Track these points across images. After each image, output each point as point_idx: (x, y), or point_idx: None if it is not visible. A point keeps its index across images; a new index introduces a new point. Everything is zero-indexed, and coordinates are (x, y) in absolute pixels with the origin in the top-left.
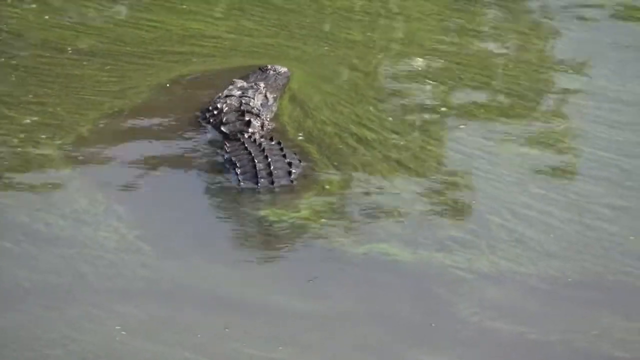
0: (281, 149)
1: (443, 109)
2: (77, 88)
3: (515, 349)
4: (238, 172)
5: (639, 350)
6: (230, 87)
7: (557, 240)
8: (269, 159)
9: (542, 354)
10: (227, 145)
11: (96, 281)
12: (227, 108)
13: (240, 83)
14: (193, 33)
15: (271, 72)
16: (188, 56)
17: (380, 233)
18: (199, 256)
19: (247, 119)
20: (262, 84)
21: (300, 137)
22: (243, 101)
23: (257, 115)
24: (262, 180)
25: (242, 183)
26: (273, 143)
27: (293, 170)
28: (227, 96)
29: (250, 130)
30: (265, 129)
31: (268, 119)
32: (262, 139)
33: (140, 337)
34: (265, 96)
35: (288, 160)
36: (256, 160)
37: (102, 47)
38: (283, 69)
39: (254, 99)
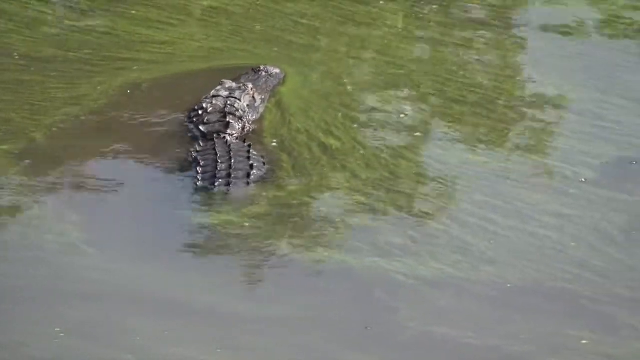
0: (248, 152)
1: (401, 115)
2: (27, 94)
3: (453, 354)
4: (199, 171)
5: (578, 357)
6: (219, 87)
7: (499, 246)
8: (232, 161)
9: (479, 359)
10: (200, 145)
11: (42, 284)
12: (211, 108)
13: (229, 84)
14: (143, 39)
15: (263, 73)
16: (138, 62)
17: (324, 240)
18: (142, 259)
19: (227, 120)
20: (250, 85)
21: (274, 144)
22: (228, 102)
23: (240, 118)
24: (220, 181)
25: (199, 183)
26: (244, 145)
27: (254, 172)
28: (214, 96)
29: (229, 131)
30: (245, 131)
31: (252, 121)
32: (235, 140)
33: (81, 339)
34: (253, 97)
35: (251, 162)
36: (219, 161)
37: (49, 52)
38: (275, 70)
39: (240, 100)
